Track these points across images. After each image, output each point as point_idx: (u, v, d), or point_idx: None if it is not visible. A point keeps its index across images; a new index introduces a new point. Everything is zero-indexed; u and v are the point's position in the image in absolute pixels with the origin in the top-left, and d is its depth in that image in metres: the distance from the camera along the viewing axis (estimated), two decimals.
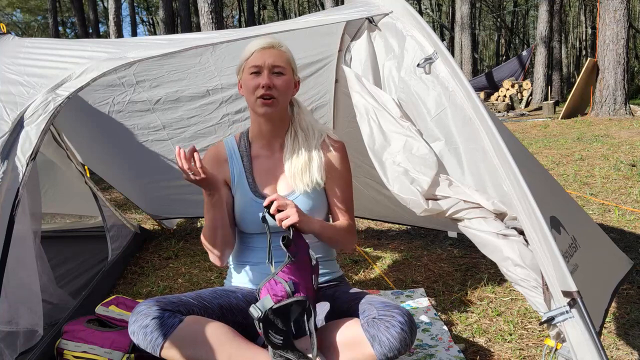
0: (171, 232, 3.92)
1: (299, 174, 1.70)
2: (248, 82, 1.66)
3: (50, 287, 2.22)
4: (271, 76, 1.64)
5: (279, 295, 1.43)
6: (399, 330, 1.42)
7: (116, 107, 2.84)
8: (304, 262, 1.53)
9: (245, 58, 1.67)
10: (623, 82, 10.20)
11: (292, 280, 1.46)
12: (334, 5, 14.17)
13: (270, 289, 1.45)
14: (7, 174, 1.51)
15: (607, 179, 5.12)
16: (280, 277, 1.46)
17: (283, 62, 1.66)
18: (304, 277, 1.51)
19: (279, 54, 1.66)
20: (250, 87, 1.65)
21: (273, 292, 1.44)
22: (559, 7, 18.80)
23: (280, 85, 1.65)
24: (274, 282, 1.46)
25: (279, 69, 1.65)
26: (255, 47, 1.65)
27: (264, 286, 1.47)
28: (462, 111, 1.50)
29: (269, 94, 1.63)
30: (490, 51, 40.94)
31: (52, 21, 20.63)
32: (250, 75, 1.65)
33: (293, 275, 1.47)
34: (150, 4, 35.61)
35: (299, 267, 1.50)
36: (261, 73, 1.64)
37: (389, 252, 3.29)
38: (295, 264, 1.49)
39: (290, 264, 1.48)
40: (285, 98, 1.69)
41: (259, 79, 1.63)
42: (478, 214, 1.49)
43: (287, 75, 1.67)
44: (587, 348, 1.22)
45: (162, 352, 1.46)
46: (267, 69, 1.64)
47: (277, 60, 1.65)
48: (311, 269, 1.56)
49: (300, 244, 1.55)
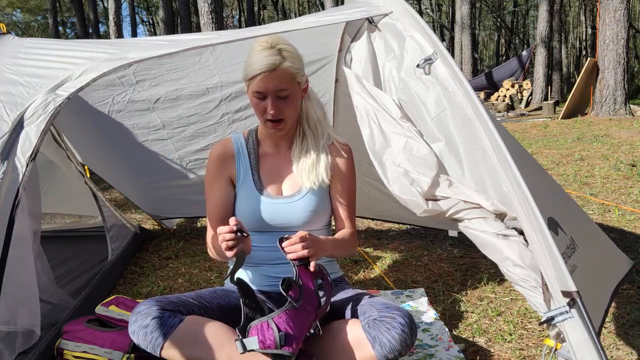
0: (171, 232, 3.92)
1: (306, 172, 1.70)
2: (254, 104, 1.63)
3: (50, 287, 2.22)
4: (276, 102, 1.59)
5: (266, 343, 1.39)
6: (399, 332, 1.43)
7: (116, 106, 2.84)
8: (306, 307, 1.46)
9: (248, 78, 1.59)
10: (623, 82, 10.20)
11: (287, 330, 1.39)
12: (334, 5, 14.18)
13: (260, 332, 1.40)
14: (7, 174, 1.51)
15: (607, 179, 5.12)
16: (275, 323, 1.40)
17: (286, 82, 1.58)
18: (301, 326, 1.44)
19: (281, 75, 1.56)
20: (258, 110, 1.64)
21: (262, 337, 1.39)
22: (559, 7, 18.79)
23: (286, 108, 1.62)
24: (267, 326, 1.40)
25: (284, 93, 1.59)
26: (257, 70, 1.55)
27: (255, 326, 1.42)
28: (462, 112, 1.50)
29: (277, 118, 1.62)
30: (490, 51, 40.95)
31: (52, 21, 20.65)
32: (254, 97, 1.61)
33: (291, 322, 1.40)
34: (150, 4, 35.61)
35: (300, 314, 1.44)
36: (266, 98, 1.60)
37: (389, 252, 3.28)
38: (296, 310, 1.42)
39: (290, 310, 1.41)
40: (293, 115, 1.68)
41: (265, 103, 1.60)
42: (478, 214, 1.49)
43: (293, 94, 1.62)
44: (587, 348, 1.23)
45: (162, 352, 1.46)
46: (272, 96, 1.59)
47: (280, 84, 1.57)
48: (314, 314, 1.50)
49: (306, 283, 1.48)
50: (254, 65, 1.56)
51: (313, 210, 1.70)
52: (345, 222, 1.78)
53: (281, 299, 1.69)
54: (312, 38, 2.35)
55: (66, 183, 3.19)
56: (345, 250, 1.78)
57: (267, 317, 1.42)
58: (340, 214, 1.77)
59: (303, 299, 1.45)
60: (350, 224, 1.78)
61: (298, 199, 1.70)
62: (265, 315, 1.45)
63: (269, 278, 1.71)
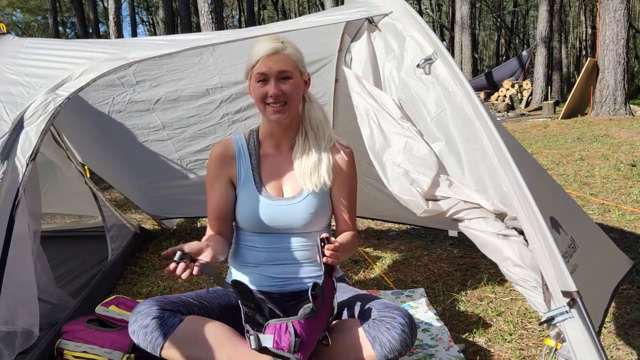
0: (171, 232, 3.92)
1: (307, 173, 1.70)
2: (256, 90, 1.64)
3: (50, 287, 2.22)
4: (278, 83, 1.61)
5: (281, 344, 1.39)
6: (399, 332, 1.43)
7: (116, 107, 2.84)
8: (323, 316, 1.47)
9: (251, 65, 1.63)
10: (623, 82, 10.21)
11: (302, 336, 1.39)
12: (334, 5, 14.18)
13: (277, 332, 1.40)
14: (7, 174, 1.51)
15: (607, 179, 5.12)
16: (293, 327, 1.39)
17: (289, 66, 1.63)
18: (315, 334, 1.44)
19: (284, 59, 1.62)
20: (259, 95, 1.64)
21: (277, 337, 1.39)
22: (559, 7, 18.79)
23: (288, 90, 1.63)
24: (285, 328, 1.40)
25: (286, 74, 1.62)
26: (260, 54, 1.61)
27: (273, 324, 1.41)
28: (462, 112, 1.50)
29: (279, 101, 1.62)
30: (490, 51, 40.94)
31: (52, 21, 20.65)
32: (257, 83, 1.63)
33: (305, 330, 1.40)
34: (150, 4, 35.61)
35: (315, 322, 1.44)
36: (268, 81, 1.62)
37: (389, 252, 3.28)
38: (314, 318, 1.43)
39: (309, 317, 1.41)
40: (295, 101, 1.68)
41: (267, 87, 1.62)
42: (478, 214, 1.49)
43: (295, 79, 1.65)
44: (587, 348, 1.23)
45: (162, 352, 1.46)
46: (274, 77, 1.61)
47: (283, 66, 1.61)
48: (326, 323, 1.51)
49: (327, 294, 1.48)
50: (257, 51, 1.62)
51: (314, 212, 1.69)
52: (346, 224, 1.78)
53: (282, 299, 1.69)
54: (312, 38, 2.35)
55: (66, 183, 3.19)
56: (348, 253, 1.82)
57: (286, 319, 1.41)
58: (342, 216, 1.77)
59: (325, 303, 1.46)
60: (352, 225, 1.79)
61: (299, 200, 1.69)
62: (264, 314, 1.46)
63: (268, 278, 1.71)
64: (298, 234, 1.70)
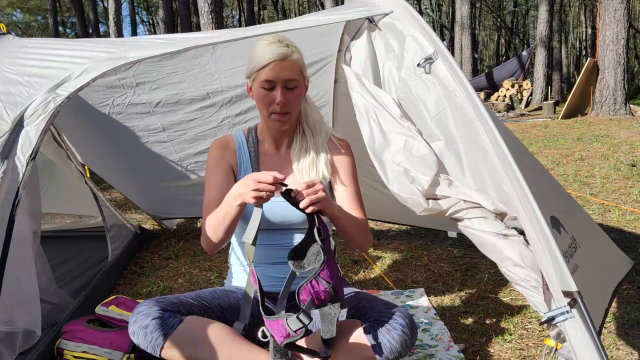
0: (171, 232, 3.92)
1: (306, 169, 1.71)
2: (260, 95, 1.62)
3: (50, 287, 2.22)
4: (285, 92, 1.60)
5: (322, 297, 1.36)
6: (399, 333, 1.42)
7: (116, 108, 2.84)
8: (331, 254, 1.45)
9: (257, 68, 1.59)
10: (623, 82, 10.21)
11: (332, 281, 1.37)
12: (334, 5, 14.17)
13: (312, 292, 1.36)
14: (7, 174, 1.51)
15: (607, 179, 5.12)
16: (321, 278, 1.37)
17: (296, 73, 1.60)
18: (336, 274, 1.42)
19: (291, 66, 1.59)
20: (264, 101, 1.63)
21: (315, 295, 1.36)
22: (559, 7, 18.80)
23: (293, 100, 1.62)
24: (316, 283, 1.37)
25: (293, 83, 1.60)
26: (268, 59, 1.56)
27: (304, 287, 1.37)
28: (462, 111, 1.50)
29: (283, 110, 1.62)
30: (490, 51, 40.95)
31: (52, 21, 20.67)
32: (262, 88, 1.61)
33: (330, 273, 1.38)
34: (150, 4, 35.61)
35: (331, 262, 1.42)
36: (274, 88, 1.60)
37: (389, 252, 3.28)
38: (329, 262, 1.41)
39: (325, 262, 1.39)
40: (297, 110, 1.68)
41: (273, 94, 1.60)
42: (478, 213, 1.49)
43: (299, 87, 1.63)
44: (587, 348, 1.22)
45: (162, 352, 1.46)
46: (281, 85, 1.59)
47: (290, 74, 1.58)
48: (334, 258, 1.48)
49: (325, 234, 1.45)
50: (265, 55, 1.57)
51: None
52: (353, 212, 1.72)
53: None
54: (312, 38, 2.35)
55: (66, 183, 3.19)
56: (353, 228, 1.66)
57: (311, 275, 1.37)
58: (347, 203, 1.72)
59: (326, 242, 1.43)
60: (360, 213, 1.74)
61: None
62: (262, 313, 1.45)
63: (268, 278, 1.70)
64: (298, 230, 1.69)
